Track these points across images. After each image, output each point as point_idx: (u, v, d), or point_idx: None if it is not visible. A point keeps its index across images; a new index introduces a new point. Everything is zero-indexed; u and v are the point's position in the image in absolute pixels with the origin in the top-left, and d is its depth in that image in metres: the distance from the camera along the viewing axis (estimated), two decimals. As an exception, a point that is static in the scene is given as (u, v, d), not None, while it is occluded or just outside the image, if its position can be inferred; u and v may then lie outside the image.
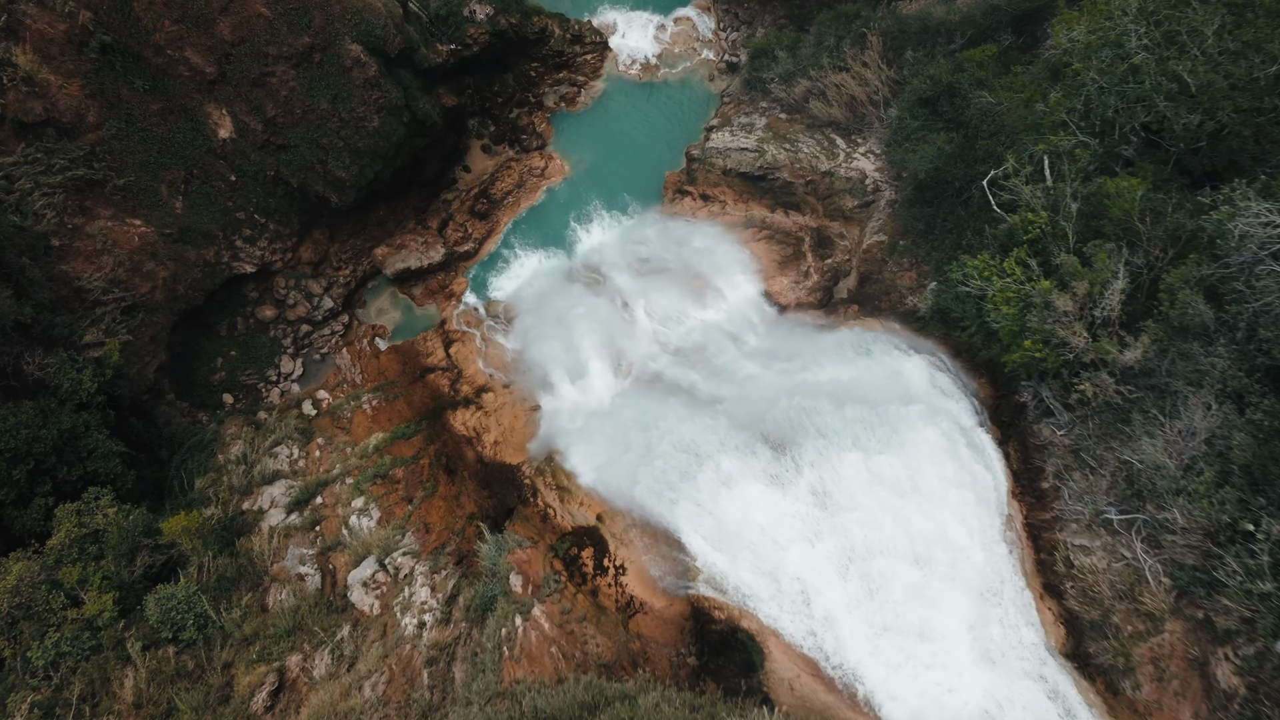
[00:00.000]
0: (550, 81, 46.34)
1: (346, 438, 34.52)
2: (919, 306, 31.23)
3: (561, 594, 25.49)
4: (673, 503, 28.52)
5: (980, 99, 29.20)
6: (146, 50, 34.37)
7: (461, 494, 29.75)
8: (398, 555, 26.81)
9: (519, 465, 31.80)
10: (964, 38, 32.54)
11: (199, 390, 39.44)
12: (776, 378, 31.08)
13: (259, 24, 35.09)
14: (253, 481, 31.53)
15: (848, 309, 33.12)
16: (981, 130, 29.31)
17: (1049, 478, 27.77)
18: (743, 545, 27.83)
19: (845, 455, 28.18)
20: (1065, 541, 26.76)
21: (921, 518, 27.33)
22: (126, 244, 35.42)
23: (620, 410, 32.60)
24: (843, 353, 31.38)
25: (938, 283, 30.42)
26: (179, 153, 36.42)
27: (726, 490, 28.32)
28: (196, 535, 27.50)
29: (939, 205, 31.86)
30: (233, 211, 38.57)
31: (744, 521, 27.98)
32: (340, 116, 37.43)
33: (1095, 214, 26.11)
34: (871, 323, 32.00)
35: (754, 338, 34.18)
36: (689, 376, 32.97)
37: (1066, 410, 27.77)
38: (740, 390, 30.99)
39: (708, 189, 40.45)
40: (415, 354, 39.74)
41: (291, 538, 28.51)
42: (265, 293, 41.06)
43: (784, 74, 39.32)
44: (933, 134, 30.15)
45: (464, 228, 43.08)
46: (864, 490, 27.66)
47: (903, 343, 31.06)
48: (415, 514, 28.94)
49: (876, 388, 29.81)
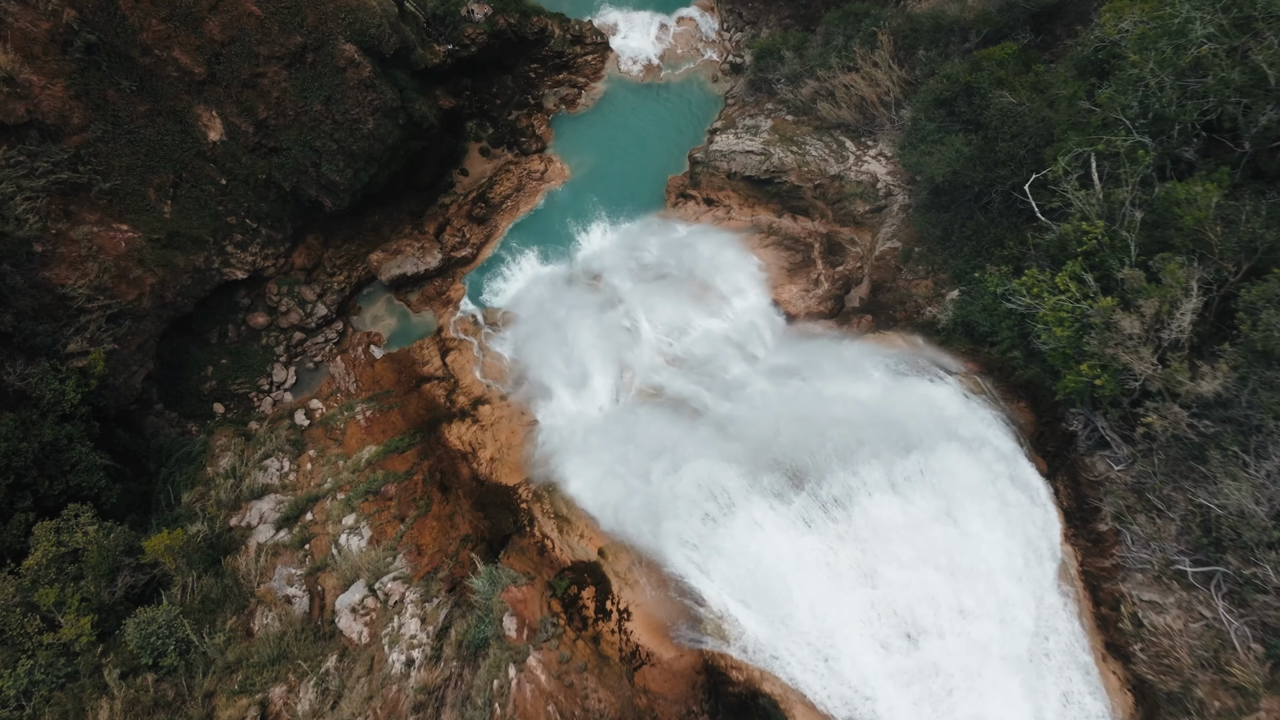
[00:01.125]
0: (550, 83, 45.31)
1: (339, 450, 33.40)
2: (938, 318, 29.38)
3: (560, 640, 23.53)
4: (680, 541, 25.89)
5: (1000, 99, 27.81)
6: (133, 50, 33.32)
7: (456, 514, 28.43)
8: (388, 580, 25.63)
9: (516, 487, 29.91)
10: (979, 36, 31.39)
11: (189, 400, 38.35)
12: (792, 397, 28.75)
13: (250, 23, 34.05)
14: (241, 496, 30.40)
15: (860, 319, 31.50)
16: (1002, 132, 27.94)
17: (1107, 519, 24.74)
18: (762, 595, 24.84)
19: (875, 492, 25.19)
20: (1131, 595, 23.49)
21: (965, 565, 24.38)
22: (113, 249, 34.34)
23: (623, 429, 30.46)
24: (863, 370, 28.87)
25: (960, 292, 28.73)
26: (168, 155, 35.37)
27: (742, 530, 25.49)
28: (181, 554, 26.38)
29: (956, 211, 30.40)
30: (223, 216, 37.51)
31: (763, 568, 24.94)
32: (334, 118, 36.39)
33: (1159, 223, 23.59)
34: (891, 336, 29.92)
35: (763, 350, 32.42)
36: (696, 392, 31.01)
37: (1125, 443, 24.70)
38: (753, 412, 28.74)
39: (711, 193, 39.37)
40: (411, 362, 38.64)
41: (280, 556, 27.37)
42: (257, 299, 39.99)
43: (790, 75, 38.23)
44: (950, 136, 28.88)
45: (461, 232, 42.02)
46: (898, 533, 24.60)
47: (928, 360, 28.64)
48: (407, 534, 27.75)
49: (904, 412, 27.10)
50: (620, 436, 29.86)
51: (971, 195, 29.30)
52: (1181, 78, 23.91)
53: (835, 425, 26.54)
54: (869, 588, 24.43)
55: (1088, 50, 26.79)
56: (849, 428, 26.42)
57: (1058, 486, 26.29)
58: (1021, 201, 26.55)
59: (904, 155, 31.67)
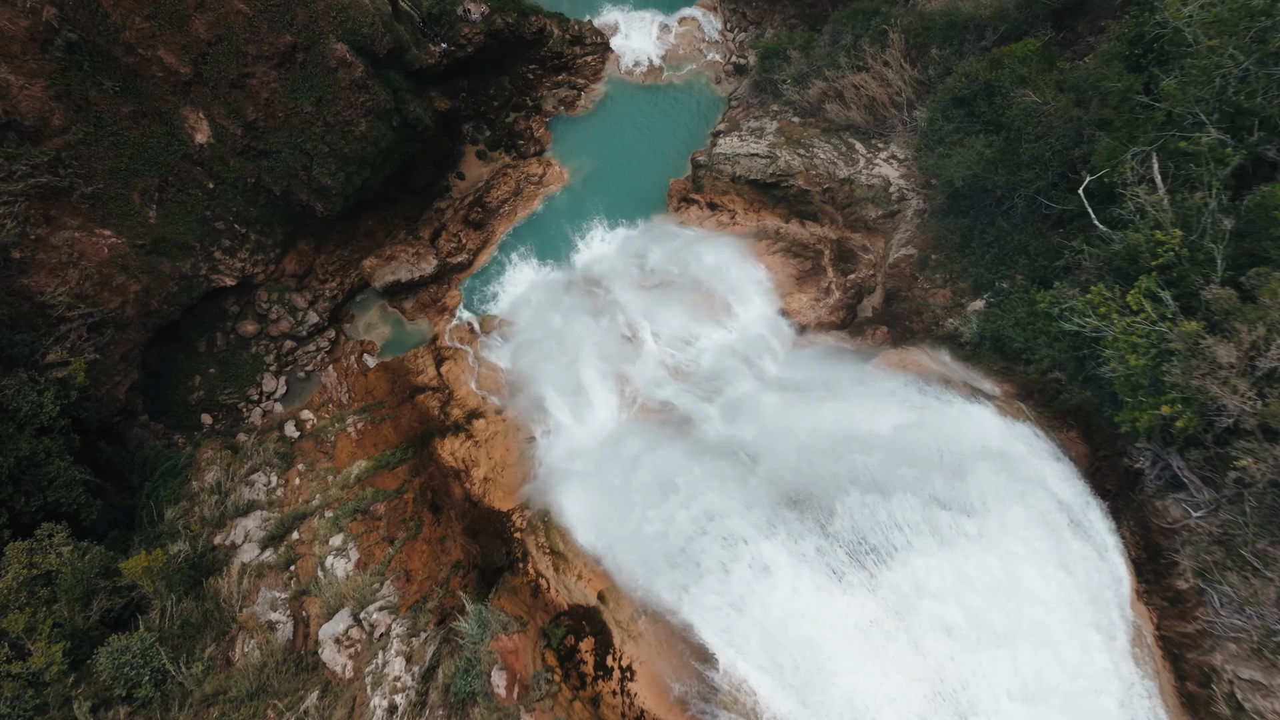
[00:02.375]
0: (549, 84, 44.15)
1: (329, 463, 32.14)
2: (961, 330, 27.21)
3: (554, 700, 21.22)
4: (689, 593, 22.43)
5: (1023, 98, 26.33)
6: (116, 49, 32.14)
7: (447, 537, 26.99)
8: (374, 610, 24.32)
9: (509, 514, 27.87)
10: (996, 34, 30.05)
11: (175, 410, 37.16)
12: (811, 423, 25.64)
13: (237, 21, 32.86)
14: (226, 513, 29.15)
15: (875, 331, 29.78)
16: (1026, 133, 26.33)
17: (1187, 575, 21.15)
18: (786, 661, 21.14)
19: (914, 540, 21.63)
20: (1226, 670, 19.73)
21: (1021, 628, 20.75)
22: (95, 256, 33.16)
23: (625, 454, 27.96)
24: (887, 391, 25.89)
25: (987, 303, 26.77)
26: (152, 159, 34.20)
27: (760, 583, 21.89)
28: (160, 576, 25.11)
29: (976, 216, 28.77)
30: (211, 221, 36.34)
31: (787, 629, 21.36)
32: (325, 120, 35.20)
33: (1248, 232, 20.50)
34: (915, 353, 27.14)
35: (773, 363, 30.46)
36: (702, 410, 28.91)
37: (1207, 486, 21.21)
38: (766, 435, 26.05)
39: (715, 197, 38.15)
40: (405, 372, 37.42)
41: (264, 578, 26.09)
42: (247, 307, 38.81)
43: (797, 75, 37.00)
44: (970, 137, 27.44)
45: (457, 238, 40.83)
46: (944, 591, 21.06)
47: (959, 380, 25.59)
48: (396, 558, 26.41)
49: (940, 442, 23.64)
50: (622, 463, 27.41)
51: (992, 200, 27.77)
52: (1267, 65, 20.96)
53: (863, 457, 23.69)
54: (912, 656, 20.94)
55: (1131, 38, 24.43)
56: (879, 461, 23.46)
57: (1123, 534, 22.70)
58: (1047, 207, 25.03)
59: (920, 158, 30.25)
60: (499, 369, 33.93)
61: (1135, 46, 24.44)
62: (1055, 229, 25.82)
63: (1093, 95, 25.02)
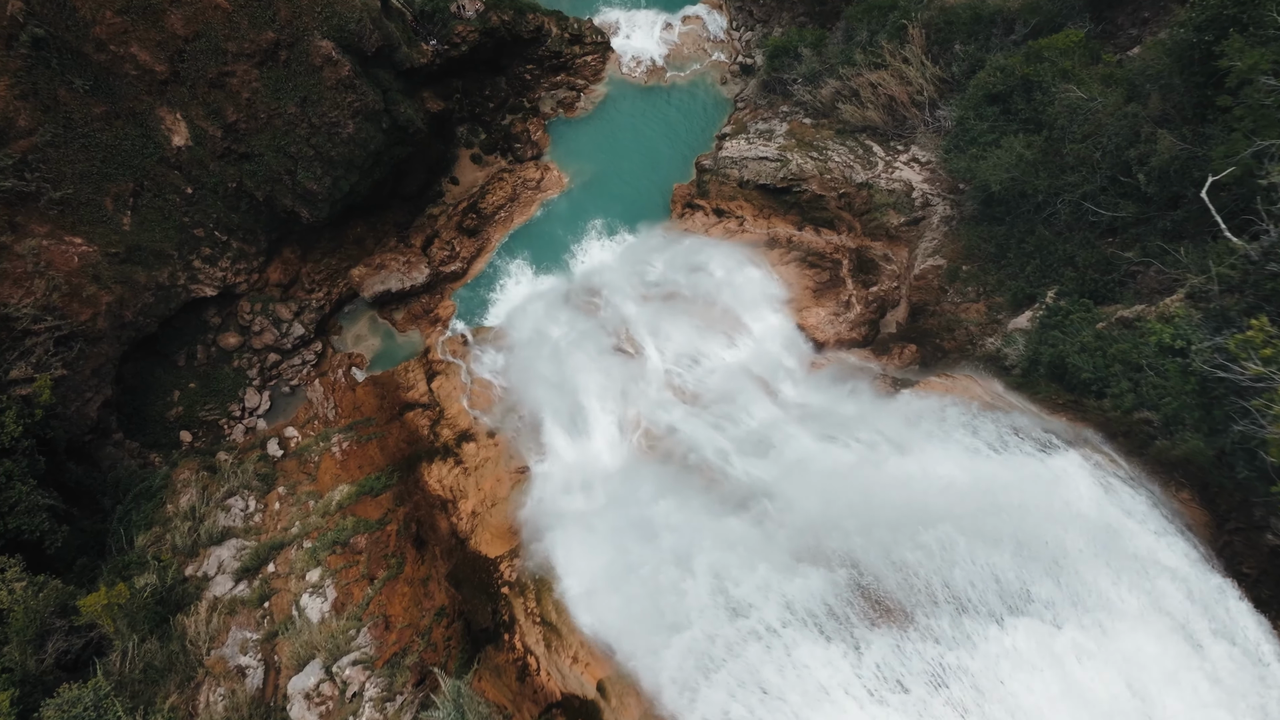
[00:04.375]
0: (547, 85, 42.28)
1: (311, 486, 30.14)
2: (1004, 352, 24.01)
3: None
4: (711, 704, 17.14)
5: (1067, 93, 24.17)
6: (87, 45, 30.29)
7: (430, 578, 24.82)
8: (347, 663, 22.24)
9: (497, 562, 24.66)
10: (1027, 27, 28.05)
11: (153, 427, 35.19)
12: (845, 467, 21.50)
13: (216, 17, 31.02)
14: (199, 541, 27.15)
15: (902, 349, 27.07)
16: (1071, 132, 24.09)
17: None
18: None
19: (1002, 644, 16.43)
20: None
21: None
22: (64, 265, 31.23)
23: (629, 500, 24.18)
24: (933, 429, 21.39)
25: (1040, 322, 23.33)
26: (127, 162, 32.30)
27: (800, 696, 16.59)
28: (123, 614, 23.05)
29: (1013, 223, 26.25)
30: (189, 228, 34.41)
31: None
32: (310, 122, 33.31)
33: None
34: (962, 381, 22.97)
35: (791, 386, 27.60)
36: (715, 442, 25.54)
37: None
38: (791, 480, 21.85)
39: (722, 203, 36.21)
40: (395, 387, 35.45)
41: (236, 616, 24.09)
42: (228, 318, 36.87)
43: (808, 74, 35.08)
44: (1007, 137, 25.43)
45: (451, 246, 38.92)
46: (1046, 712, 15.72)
47: (1021, 413, 20.59)
48: (375, 601, 24.33)
49: (1015, 504, 18.66)
50: (626, 511, 23.63)
51: (1032, 205, 25.33)
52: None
53: (918, 520, 18.56)
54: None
55: (1201, 22, 20.70)
56: (948, 538, 18.07)
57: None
58: (1095, 213, 22.71)
59: (950, 160, 28.08)
60: (492, 385, 31.83)
61: (1206, 32, 20.70)
62: (1104, 238, 23.42)
63: (1151, 89, 22.51)
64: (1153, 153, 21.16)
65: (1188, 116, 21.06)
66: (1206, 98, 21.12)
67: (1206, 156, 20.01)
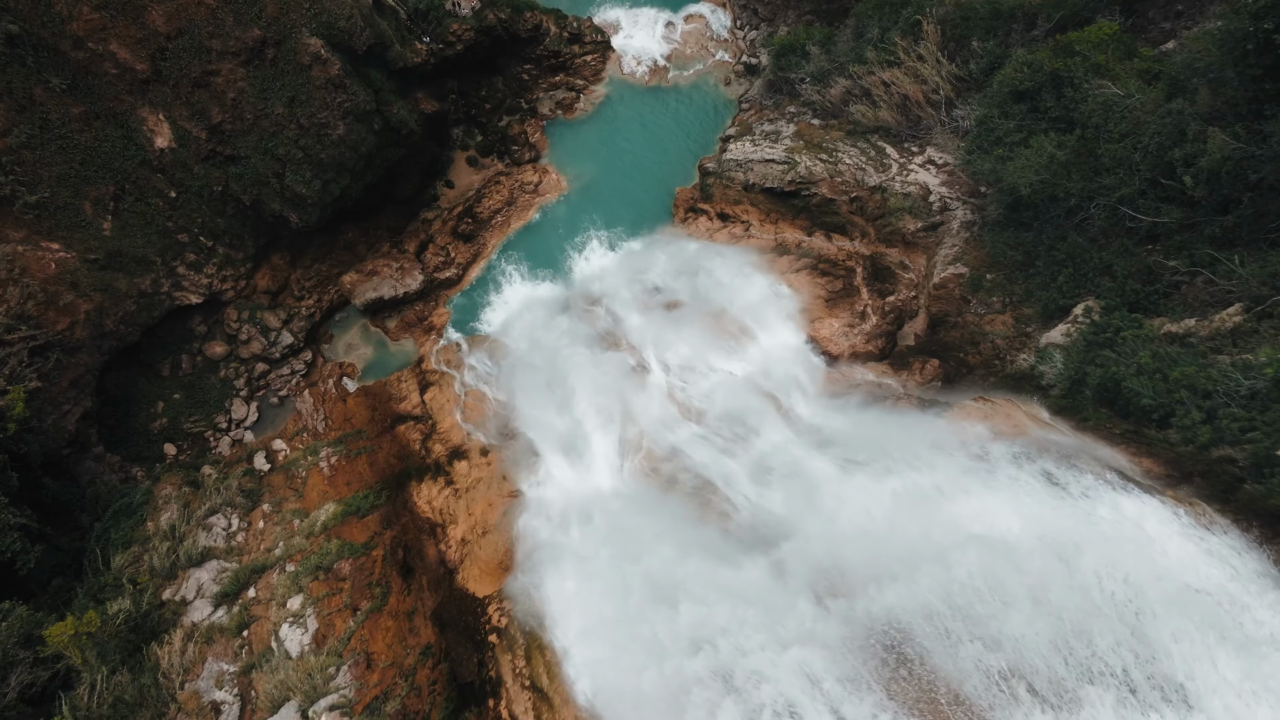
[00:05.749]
0: (545, 86, 41.00)
1: (297, 503, 28.76)
2: (1040, 370, 21.94)
3: None
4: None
5: (1102, 90, 22.64)
6: (64, 43, 28.99)
7: (416, 612, 23.28)
8: (324, 706, 20.78)
9: (485, 604, 22.44)
10: (1050, 22, 26.68)
11: (135, 440, 33.83)
12: (879, 508, 18.31)
13: (199, 13, 29.73)
14: (178, 563, 25.76)
15: (923, 364, 25.31)
16: (1107, 131, 22.43)
17: None
18: None
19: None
20: None
21: None
22: (40, 272, 29.90)
23: (631, 536, 21.71)
24: (972, 460, 18.61)
25: (1085, 339, 21.14)
26: (107, 164, 31.01)
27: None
28: (93, 643, 21.67)
29: (1042, 229, 24.51)
30: (173, 233, 33.11)
31: None
32: (299, 123, 32.02)
33: None
34: (1004, 407, 20.24)
35: (803, 404, 25.56)
36: (724, 467, 23.53)
37: None
38: (818, 521, 18.88)
39: (726, 207, 34.88)
40: (387, 398, 34.11)
41: (213, 645, 22.70)
42: (215, 327, 35.54)
43: (817, 73, 33.73)
44: (1036, 137, 23.81)
45: (446, 251, 37.60)
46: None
47: (1074, 449, 17.76)
48: (357, 634, 22.88)
49: (1095, 567, 15.38)
50: (627, 551, 21.10)
51: (1063, 210, 23.63)
52: None
53: (974, 589, 15.48)
54: None
55: (1258, 9, 18.76)
56: (1017, 606, 14.96)
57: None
58: (1133, 218, 21.10)
59: (973, 161, 26.54)
60: (487, 398, 30.36)
61: (1265, 20, 18.69)
62: (1143, 245, 21.81)
63: (1199, 84, 20.67)
64: (1202, 152, 19.48)
65: (1242, 113, 19.54)
66: (1264, 92, 19.54)
67: (1263, 156, 18.53)
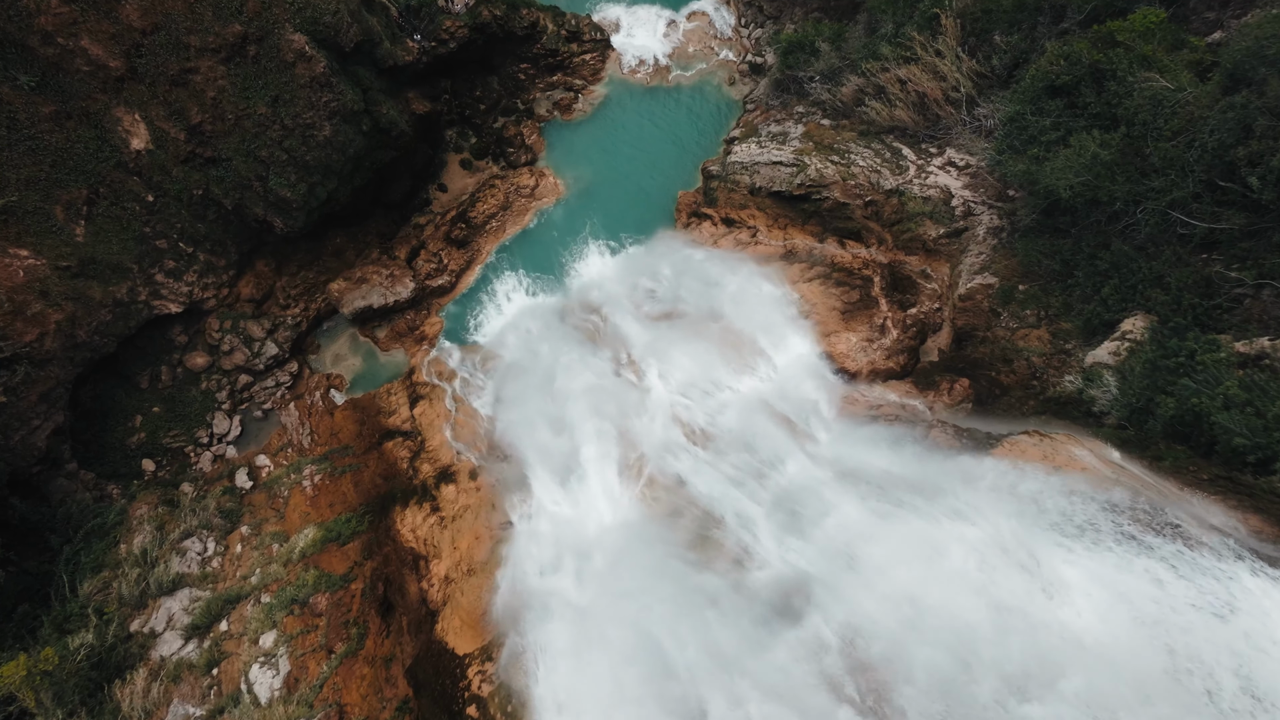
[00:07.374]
0: (542, 86, 39.46)
1: (278, 525, 27.14)
2: (1089, 394, 19.59)
3: None
4: None
5: (1150, 83, 20.70)
6: (32, 38, 27.45)
7: (394, 659, 21.47)
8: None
9: (466, 664, 19.98)
10: (1081, 14, 24.93)
11: (112, 456, 32.25)
12: (909, 556, 15.43)
13: (176, 7, 28.19)
14: (149, 591, 24.14)
15: (951, 384, 23.02)
16: (1156, 128, 20.37)
17: None
18: None
19: None
20: None
21: None
22: (7, 280, 28.33)
23: (633, 593, 19.46)
24: (1037, 515, 15.50)
25: (1148, 364, 18.62)
26: (79, 167, 29.45)
27: None
28: (50, 683, 20.02)
29: (1081, 235, 22.47)
30: (151, 239, 31.54)
31: None
32: (282, 123, 30.46)
33: None
34: (1066, 445, 17.19)
35: (821, 428, 23.20)
36: (737, 504, 20.95)
37: None
38: (845, 576, 15.86)
39: (731, 212, 33.28)
40: (376, 411, 32.53)
41: (180, 684, 21.07)
42: (196, 337, 33.96)
43: (827, 71, 32.14)
44: (1076, 135, 21.85)
45: (438, 257, 36.01)
46: None
47: (1180, 505, 14.60)
48: (330, 681, 21.21)
49: (1201, 666, 12.45)
50: (627, 608, 18.78)
51: (1105, 215, 21.64)
52: None
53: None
54: None
55: None
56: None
57: None
58: (1186, 224, 19.12)
59: (1004, 162, 24.72)
60: (478, 415, 28.64)
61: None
62: (1198, 254, 19.87)
63: (1268, 74, 18.46)
64: (1271, 151, 17.68)
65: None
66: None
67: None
